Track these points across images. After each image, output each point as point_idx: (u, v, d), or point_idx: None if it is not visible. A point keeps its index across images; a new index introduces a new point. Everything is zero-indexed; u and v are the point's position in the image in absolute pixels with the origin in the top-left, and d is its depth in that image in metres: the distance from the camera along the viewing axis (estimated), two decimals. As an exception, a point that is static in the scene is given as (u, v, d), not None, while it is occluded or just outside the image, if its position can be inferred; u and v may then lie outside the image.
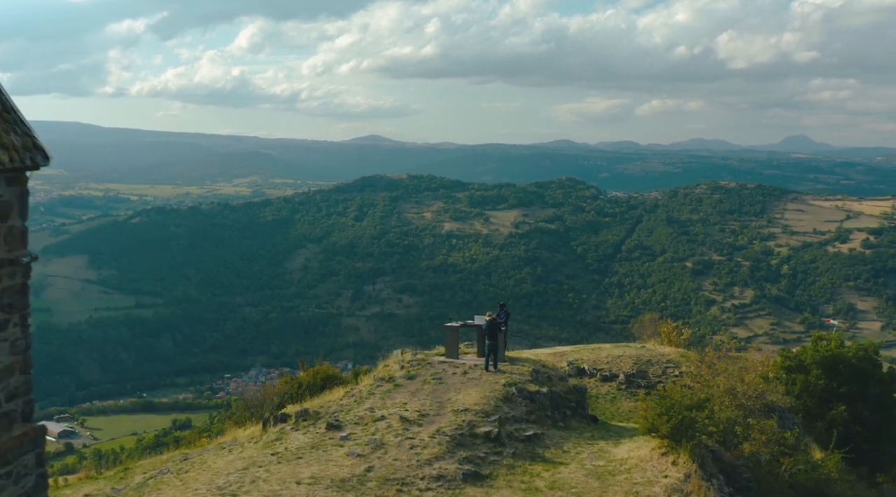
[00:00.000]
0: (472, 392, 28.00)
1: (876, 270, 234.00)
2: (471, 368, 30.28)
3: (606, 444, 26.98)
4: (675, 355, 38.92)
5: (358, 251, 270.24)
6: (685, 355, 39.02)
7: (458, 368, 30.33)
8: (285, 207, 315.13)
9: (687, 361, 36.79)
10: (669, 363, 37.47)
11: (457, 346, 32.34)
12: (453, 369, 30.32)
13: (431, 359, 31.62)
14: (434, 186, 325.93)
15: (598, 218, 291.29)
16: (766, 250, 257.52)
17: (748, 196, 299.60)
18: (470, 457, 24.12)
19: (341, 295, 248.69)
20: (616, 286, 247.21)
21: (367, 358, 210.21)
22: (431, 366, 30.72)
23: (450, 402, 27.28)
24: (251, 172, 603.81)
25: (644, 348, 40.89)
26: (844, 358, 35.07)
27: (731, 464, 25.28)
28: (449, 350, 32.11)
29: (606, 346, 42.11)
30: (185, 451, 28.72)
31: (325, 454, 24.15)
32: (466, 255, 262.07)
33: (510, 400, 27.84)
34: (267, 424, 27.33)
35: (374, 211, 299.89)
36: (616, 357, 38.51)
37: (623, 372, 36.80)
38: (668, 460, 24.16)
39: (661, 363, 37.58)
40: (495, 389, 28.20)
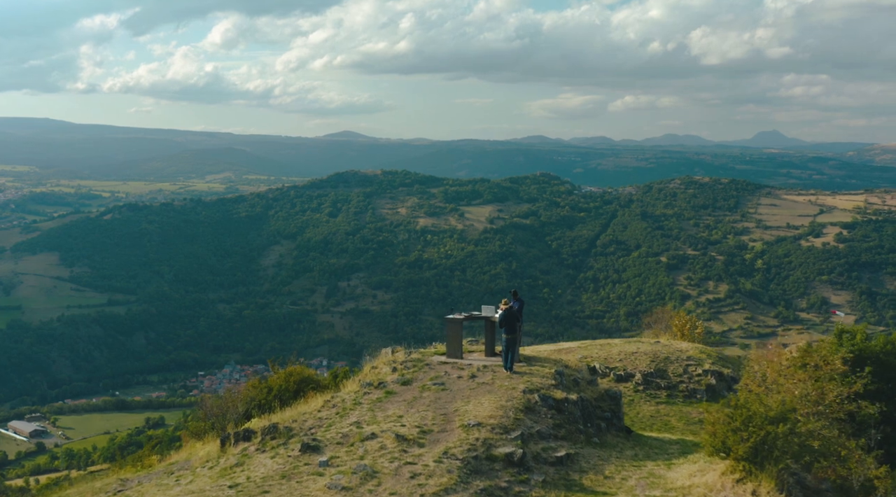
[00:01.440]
0: (485, 401, 23.23)
1: (849, 264, 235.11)
2: (480, 370, 25.97)
3: (656, 465, 22.46)
4: (695, 351, 35.59)
5: (332, 247, 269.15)
6: (705, 351, 35.98)
7: (463, 370, 26.05)
8: (259, 204, 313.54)
9: (709, 358, 34.32)
10: (690, 361, 34.20)
11: (461, 344, 28.13)
12: (458, 372, 25.98)
13: (429, 359, 27.51)
14: (408, 182, 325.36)
15: (572, 213, 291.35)
16: (740, 245, 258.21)
17: (722, 191, 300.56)
18: (489, 488, 19.09)
19: (316, 291, 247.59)
20: (591, 281, 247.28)
21: (343, 354, 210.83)
22: (430, 368, 26.48)
23: (457, 415, 22.48)
24: (225, 169, 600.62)
25: (658, 344, 37.14)
26: (872, 352, 30.89)
27: (817, 490, 19.56)
28: (451, 348, 27.94)
29: (617, 342, 38.50)
30: (125, 475, 24.30)
31: (300, 487, 18.75)
32: (441, 250, 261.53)
33: (533, 410, 23.22)
34: (226, 443, 22.59)
35: (349, 207, 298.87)
36: (630, 354, 35.00)
37: (640, 371, 33.27)
38: (747, 489, 18.97)
39: (681, 361, 34.18)
40: (513, 397, 23.49)
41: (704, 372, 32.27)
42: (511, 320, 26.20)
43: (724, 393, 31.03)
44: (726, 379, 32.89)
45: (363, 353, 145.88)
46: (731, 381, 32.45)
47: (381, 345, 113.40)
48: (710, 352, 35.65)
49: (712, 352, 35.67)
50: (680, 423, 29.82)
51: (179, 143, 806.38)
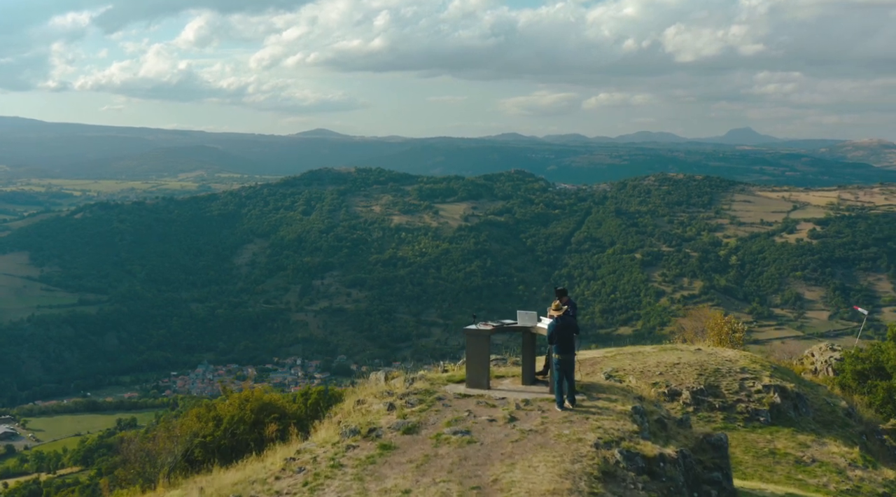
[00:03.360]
0: (539, 463, 15.54)
1: (823, 260, 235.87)
2: (521, 409, 18.48)
3: None
4: (745, 361, 29.09)
5: (306, 245, 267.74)
6: (756, 360, 29.87)
7: (495, 409, 18.47)
8: (232, 202, 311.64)
9: (765, 370, 28.34)
10: (745, 373, 27.70)
11: (488, 367, 20.49)
12: (487, 411, 18.37)
13: (442, 389, 20.06)
14: (383, 180, 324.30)
15: (547, 210, 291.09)
16: (714, 241, 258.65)
17: (696, 188, 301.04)
18: None
19: (289, 290, 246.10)
20: (566, 278, 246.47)
21: (317, 353, 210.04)
22: (445, 404, 18.88)
23: (498, 489, 14.78)
24: (197, 167, 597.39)
25: (700, 352, 30.28)
26: None
27: None
28: (474, 373, 20.23)
29: (650, 350, 30.80)
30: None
31: None
32: (416, 248, 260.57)
33: (615, 477, 15.50)
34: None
35: (322, 205, 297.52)
36: (671, 366, 27.97)
37: (686, 387, 26.43)
38: None
39: (734, 373, 27.64)
40: (581, 455, 15.73)
41: (765, 388, 26.60)
42: (568, 333, 18.94)
43: (791, 413, 26.16)
44: (791, 396, 26.80)
45: (337, 352, 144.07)
46: (796, 398, 26.79)
47: (355, 343, 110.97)
48: (763, 361, 30.19)
49: (765, 361, 30.23)
50: (747, 455, 23.68)
51: (152, 141, 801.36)
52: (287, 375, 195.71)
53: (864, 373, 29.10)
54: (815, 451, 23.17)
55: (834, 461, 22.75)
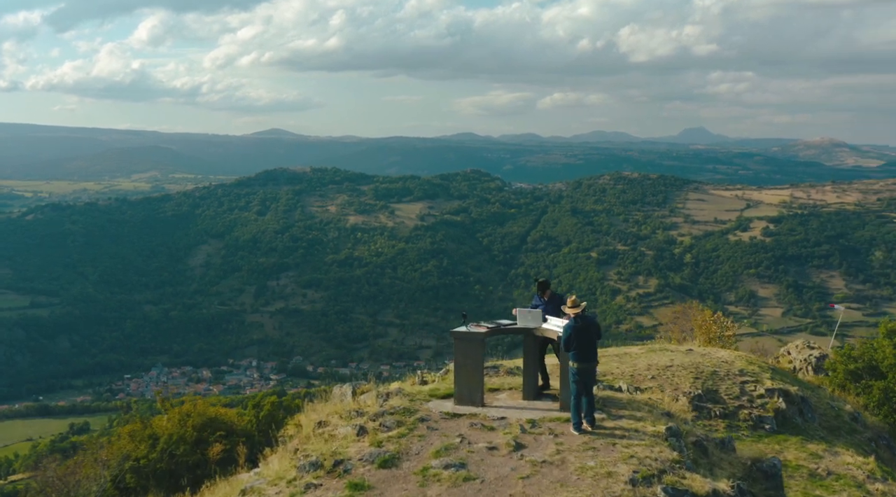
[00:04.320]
0: None
1: (776, 258, 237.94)
2: (527, 432, 15.07)
3: None
4: (742, 362, 26.44)
5: (261, 246, 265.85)
6: (754, 362, 27.36)
7: (494, 432, 15.01)
8: (186, 202, 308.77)
9: (765, 372, 25.80)
10: (744, 376, 24.97)
11: (482, 379, 17.07)
12: (485, 435, 14.91)
13: (424, 407, 16.71)
14: (338, 179, 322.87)
15: (503, 209, 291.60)
16: (669, 239, 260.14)
17: (650, 186, 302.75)
18: None
19: (244, 291, 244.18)
20: (522, 277, 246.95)
21: (273, 355, 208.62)
22: (430, 426, 15.43)
23: None
24: (150, 167, 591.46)
25: (693, 352, 27.51)
26: None
27: None
28: (465, 386, 16.80)
29: (637, 351, 28.05)
30: None
31: None
32: (372, 248, 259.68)
33: None
34: None
35: (278, 205, 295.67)
36: (663, 368, 24.88)
37: (683, 392, 23.00)
38: None
39: (733, 376, 24.85)
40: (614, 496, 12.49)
41: (768, 392, 23.96)
42: (590, 336, 15.55)
43: (797, 420, 23.66)
44: (795, 400, 24.22)
45: (293, 354, 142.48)
46: (801, 403, 24.28)
47: (311, 344, 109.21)
48: (760, 363, 27.85)
49: (762, 362, 28.07)
50: None
51: (104, 141, 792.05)
52: (243, 377, 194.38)
53: (858, 372, 27.72)
54: (830, 463, 20.57)
55: (851, 473, 20.19)
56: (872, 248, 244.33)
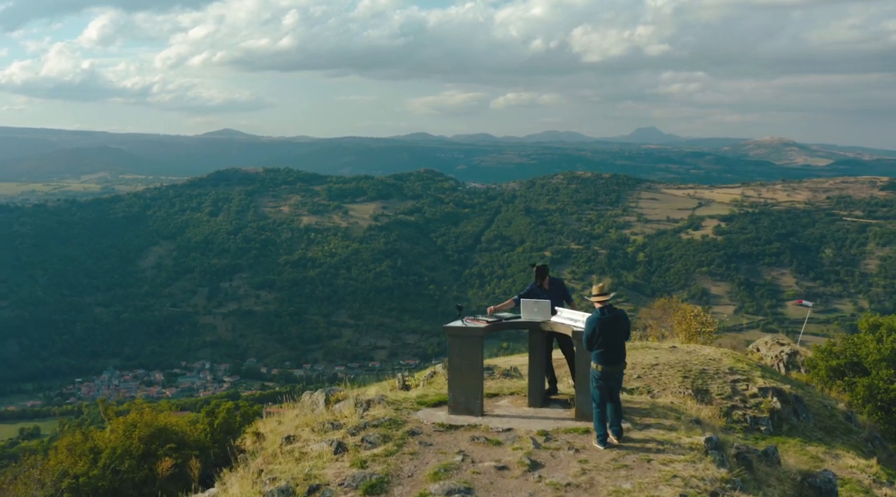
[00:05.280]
0: None
1: (728, 256, 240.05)
2: (541, 447, 12.89)
3: None
4: (731, 360, 24.95)
5: (213, 247, 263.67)
6: (741, 359, 26.14)
7: (501, 448, 12.85)
8: (137, 204, 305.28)
9: (754, 370, 24.39)
10: (735, 374, 23.27)
11: (481, 383, 14.84)
12: (491, 451, 12.75)
13: (413, 417, 14.52)
14: (291, 180, 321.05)
15: (457, 209, 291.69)
16: (622, 238, 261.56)
17: (603, 186, 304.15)
18: None
19: (197, 293, 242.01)
20: (477, 277, 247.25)
21: (226, 356, 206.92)
22: (423, 441, 13.21)
23: None
24: (101, 168, 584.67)
25: (677, 350, 26.01)
26: None
27: None
28: (461, 392, 14.66)
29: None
30: None
31: None
32: (326, 248, 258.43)
33: None
34: None
35: (230, 206, 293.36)
36: (649, 367, 23.25)
37: (672, 392, 21.41)
38: None
39: (722, 375, 23.11)
40: None
41: (761, 391, 22.47)
42: (618, 334, 13.29)
43: (793, 420, 22.14)
44: (790, 400, 22.63)
45: (247, 355, 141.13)
46: (795, 402, 22.73)
47: (265, 345, 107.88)
48: (748, 360, 26.61)
49: (749, 360, 26.83)
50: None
51: (53, 142, 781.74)
52: (196, 380, 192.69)
53: (840, 369, 26.82)
54: (832, 466, 18.31)
55: (856, 477, 18.48)
56: (822, 245, 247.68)
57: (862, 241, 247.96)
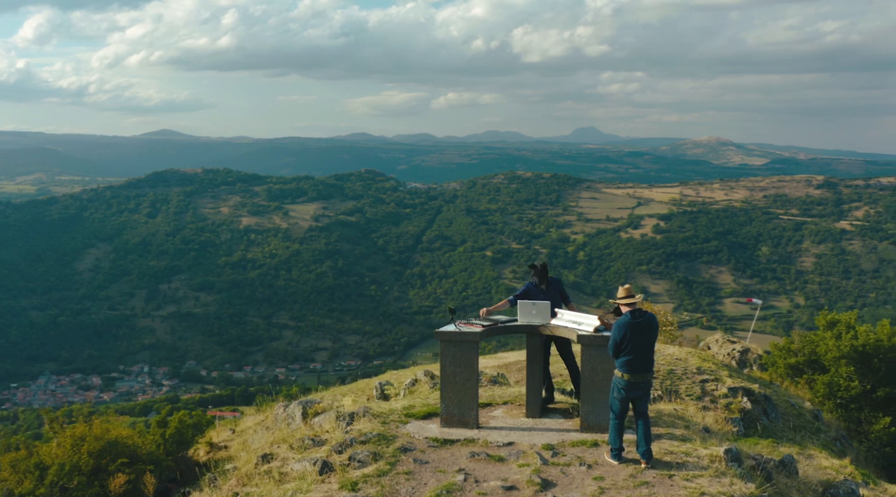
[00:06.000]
0: None
1: (667, 254, 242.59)
2: (548, 460, 12.00)
3: None
4: (697, 360, 24.25)
5: (152, 249, 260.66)
6: (707, 358, 25.55)
7: (504, 462, 11.97)
8: (73, 205, 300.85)
9: (721, 369, 23.72)
10: (703, 374, 22.47)
11: (476, 393, 13.82)
12: (494, 468, 11.74)
13: (403, 429, 13.52)
14: (231, 180, 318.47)
15: (398, 209, 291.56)
16: (562, 238, 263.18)
17: (544, 185, 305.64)
18: None
19: (135, 295, 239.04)
20: (418, 277, 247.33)
21: (165, 360, 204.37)
22: (418, 458, 12.09)
23: None
24: (36, 169, 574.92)
25: None
26: (882, 349, 24.83)
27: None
28: (454, 402, 13.64)
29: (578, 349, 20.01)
30: None
31: None
32: (266, 249, 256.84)
33: None
34: None
35: (169, 207, 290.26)
36: None
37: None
38: None
39: (691, 375, 22.26)
40: None
41: (731, 391, 21.76)
42: (649, 340, 12.25)
43: (764, 420, 21.50)
44: (759, 399, 21.94)
45: (186, 358, 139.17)
46: (764, 401, 21.99)
47: (205, 348, 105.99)
48: (714, 360, 25.98)
49: (715, 359, 26.27)
50: None
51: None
52: (134, 384, 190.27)
53: (799, 367, 26.27)
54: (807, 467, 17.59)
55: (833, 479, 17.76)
56: (759, 243, 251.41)
57: (798, 239, 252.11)
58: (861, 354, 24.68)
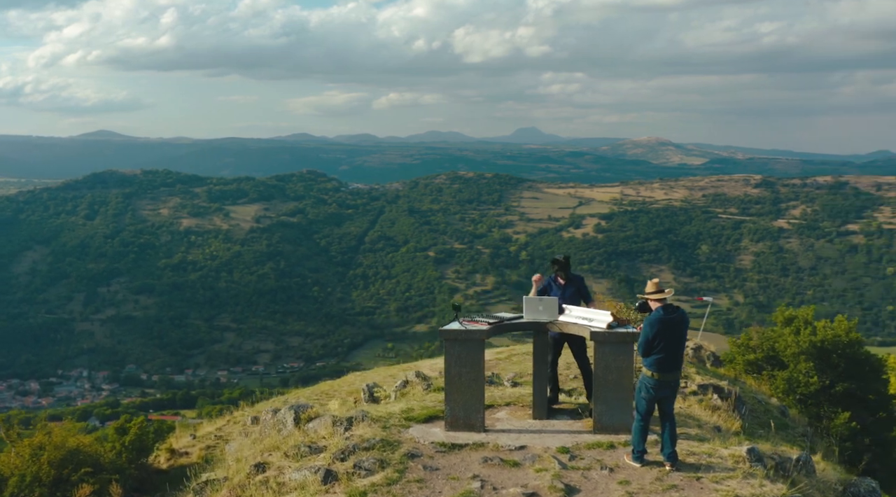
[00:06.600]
0: None
1: (608, 253, 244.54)
2: (567, 465, 11.36)
3: None
4: None
5: (90, 251, 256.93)
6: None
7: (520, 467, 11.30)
8: (9, 207, 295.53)
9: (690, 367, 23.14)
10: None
11: (482, 394, 13.20)
12: (511, 474, 11.06)
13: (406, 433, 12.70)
14: (170, 182, 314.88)
15: (340, 210, 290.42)
16: (504, 238, 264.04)
17: (486, 186, 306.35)
18: None
19: (73, 299, 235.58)
20: (361, 278, 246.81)
21: (105, 364, 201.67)
22: (427, 464, 11.32)
23: None
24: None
25: None
26: (840, 344, 24.94)
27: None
28: (460, 404, 12.99)
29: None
30: None
31: None
32: (207, 251, 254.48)
33: None
34: None
35: (107, 209, 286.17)
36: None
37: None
38: None
39: None
40: None
41: (700, 388, 21.18)
42: (681, 336, 12.08)
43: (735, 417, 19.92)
44: (727, 396, 20.94)
45: (126, 362, 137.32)
46: (738, 401, 20.99)
47: (145, 352, 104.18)
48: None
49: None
50: None
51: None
52: (73, 388, 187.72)
53: (758, 363, 25.97)
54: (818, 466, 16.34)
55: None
56: (699, 242, 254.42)
57: (736, 237, 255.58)
58: (820, 350, 24.65)
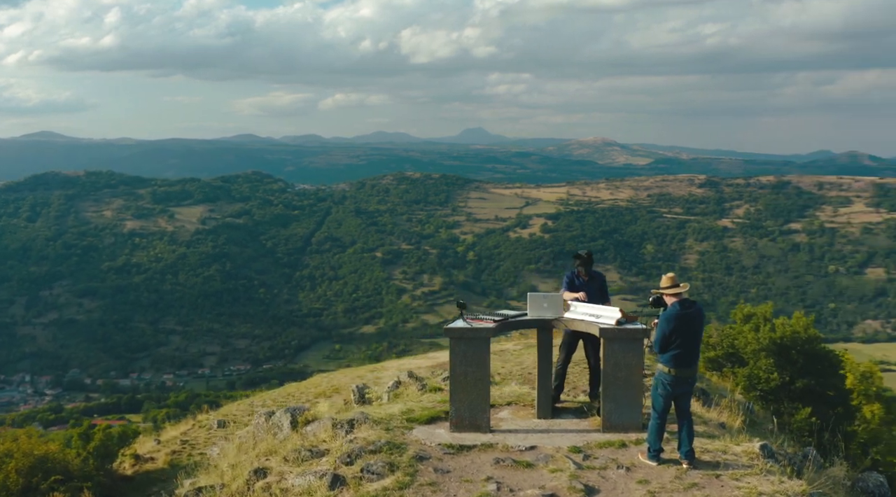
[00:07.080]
0: None
1: (555, 253, 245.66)
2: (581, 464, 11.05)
3: None
4: None
5: (32, 254, 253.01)
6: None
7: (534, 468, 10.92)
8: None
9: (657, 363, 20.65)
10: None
11: (488, 394, 12.94)
12: (527, 476, 10.65)
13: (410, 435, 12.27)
14: (114, 183, 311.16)
15: (286, 211, 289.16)
16: (452, 238, 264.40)
17: (433, 186, 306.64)
18: None
19: (15, 302, 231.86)
20: (307, 279, 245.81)
21: (48, 368, 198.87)
22: (438, 467, 10.85)
23: None
24: None
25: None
26: (798, 341, 25.13)
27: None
28: (465, 404, 12.61)
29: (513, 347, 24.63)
30: None
31: None
32: (151, 253, 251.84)
33: None
34: None
35: (49, 211, 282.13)
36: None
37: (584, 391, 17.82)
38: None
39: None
40: None
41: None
42: (698, 332, 11.53)
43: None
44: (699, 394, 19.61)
45: (69, 366, 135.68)
46: (703, 395, 20.10)
47: (89, 355, 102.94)
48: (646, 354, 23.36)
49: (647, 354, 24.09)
50: None
51: None
52: (15, 394, 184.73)
53: (718, 360, 25.98)
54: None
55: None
56: (644, 241, 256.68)
57: (681, 236, 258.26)
58: (779, 347, 24.68)
